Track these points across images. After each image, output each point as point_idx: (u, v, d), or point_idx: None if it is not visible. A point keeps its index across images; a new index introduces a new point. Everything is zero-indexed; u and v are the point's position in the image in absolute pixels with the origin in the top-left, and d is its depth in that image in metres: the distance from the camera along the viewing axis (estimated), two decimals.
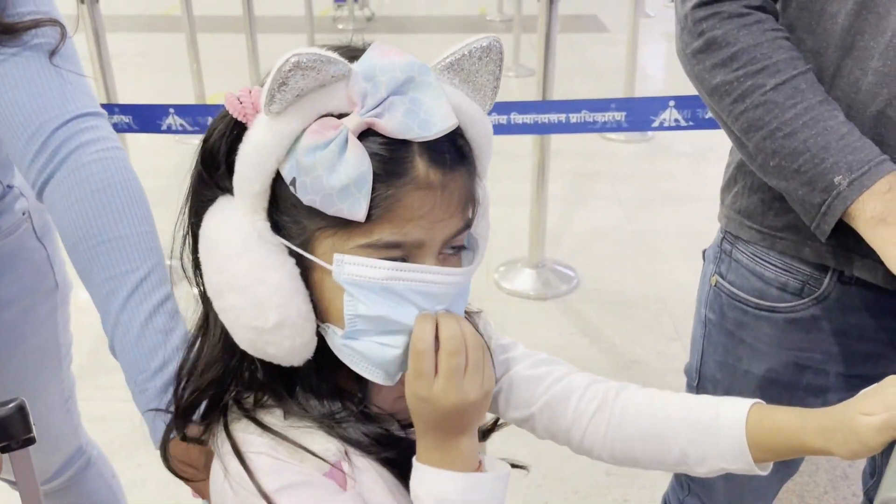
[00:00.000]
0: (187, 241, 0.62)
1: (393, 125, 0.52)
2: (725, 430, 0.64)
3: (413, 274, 0.55)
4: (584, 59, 5.79)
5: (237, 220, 0.56)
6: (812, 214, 0.79)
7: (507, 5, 7.14)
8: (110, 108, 2.46)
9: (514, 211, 2.92)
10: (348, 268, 0.55)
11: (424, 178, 0.54)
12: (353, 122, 0.53)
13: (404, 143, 0.54)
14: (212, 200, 0.59)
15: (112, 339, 0.76)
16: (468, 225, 0.59)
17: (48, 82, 0.82)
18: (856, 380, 0.88)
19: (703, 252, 1.06)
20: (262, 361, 0.60)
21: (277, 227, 0.57)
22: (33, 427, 0.63)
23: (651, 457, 0.68)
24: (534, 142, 2.71)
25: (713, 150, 3.62)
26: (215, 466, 0.61)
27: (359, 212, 0.52)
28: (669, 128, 2.21)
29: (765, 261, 0.92)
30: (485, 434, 0.73)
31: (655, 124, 2.22)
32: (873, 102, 0.78)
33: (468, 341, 0.56)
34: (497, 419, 0.75)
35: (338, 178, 0.51)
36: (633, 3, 4.13)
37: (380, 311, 0.55)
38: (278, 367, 0.60)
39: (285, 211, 0.56)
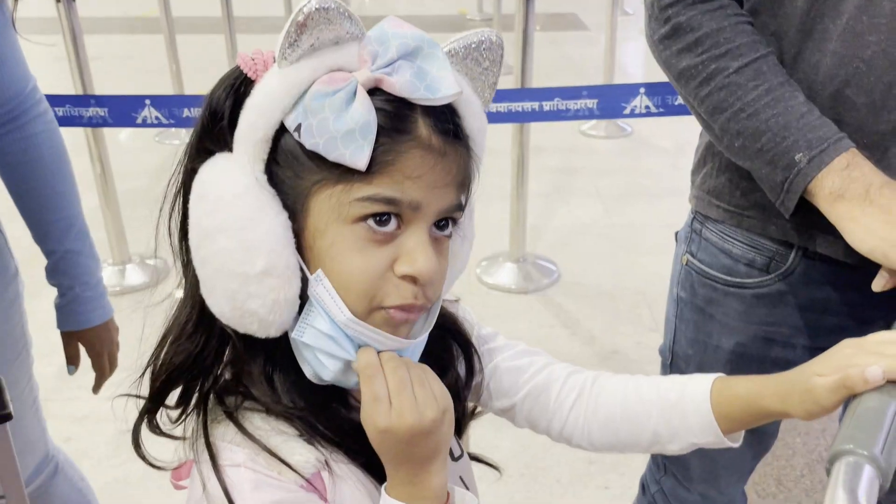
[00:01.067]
0: (177, 203, 0.60)
1: (401, 84, 0.53)
2: (692, 406, 0.66)
3: (369, 332, 0.57)
4: (563, 57, 5.83)
5: (235, 169, 0.56)
6: (776, 192, 0.81)
7: (486, 5, 7.17)
8: (86, 99, 2.45)
9: (495, 206, 2.94)
10: (320, 290, 0.56)
11: (426, 139, 0.55)
12: (363, 76, 0.54)
13: (409, 105, 0.55)
14: (209, 154, 0.58)
15: (60, 261, 1.09)
16: (461, 207, 0.59)
17: (16, 51, 1.02)
18: (821, 352, 0.91)
19: (676, 234, 1.09)
20: (239, 338, 0.59)
21: (274, 183, 0.56)
22: (9, 403, 0.63)
23: (626, 439, 0.70)
24: (513, 137, 2.73)
25: (690, 145, 3.63)
26: (194, 474, 0.60)
27: (361, 159, 0.52)
28: (641, 115, 2.25)
29: (733, 238, 0.94)
30: (463, 424, 0.73)
31: (626, 111, 2.26)
32: (832, 83, 0.80)
33: (406, 362, 0.57)
34: (475, 408, 0.75)
35: (344, 123, 0.52)
36: (612, 1, 4.17)
37: (331, 333, 0.56)
38: (256, 347, 0.59)
39: (285, 164, 0.56)
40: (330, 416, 0.60)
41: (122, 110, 2.35)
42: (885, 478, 0.46)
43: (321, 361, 0.58)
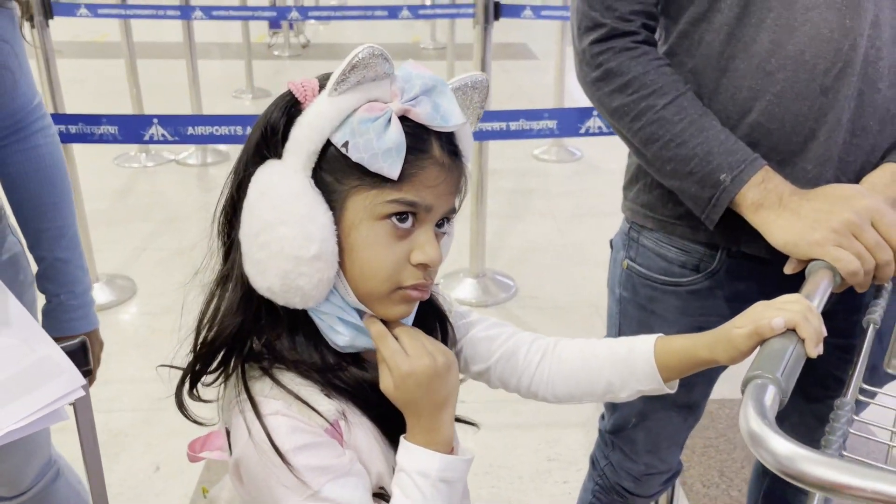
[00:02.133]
0: (224, 198, 0.73)
1: (424, 114, 0.68)
2: (639, 359, 0.80)
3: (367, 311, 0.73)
4: (514, 84, 6.06)
5: (290, 174, 0.68)
6: (702, 207, 0.96)
7: (440, 34, 7.38)
8: (97, 118, 2.55)
9: (456, 226, 3.08)
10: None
11: (440, 157, 0.70)
12: (396, 107, 0.68)
13: (426, 131, 0.69)
14: (260, 162, 0.71)
15: (49, 268, 1.15)
16: (455, 210, 0.74)
17: (25, 66, 1.09)
18: None
19: (611, 241, 1.22)
20: (280, 307, 0.71)
21: (318, 186, 0.70)
22: (91, 361, 0.72)
23: (584, 390, 0.84)
24: (473, 161, 2.90)
25: None
26: (238, 423, 0.70)
27: (395, 171, 0.67)
28: (594, 134, 2.47)
29: (667, 245, 1.08)
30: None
31: (582, 131, 2.48)
32: (749, 114, 0.95)
33: (406, 326, 0.72)
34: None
35: (384, 143, 0.66)
36: (561, 32, 4.41)
37: (342, 306, 0.73)
38: (289, 315, 0.72)
39: (329, 170, 0.69)
40: (345, 374, 0.73)
41: (132, 129, 2.45)
42: (784, 395, 0.61)
43: (335, 329, 0.72)
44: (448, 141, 0.72)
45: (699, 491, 2.01)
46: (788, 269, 0.91)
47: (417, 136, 0.69)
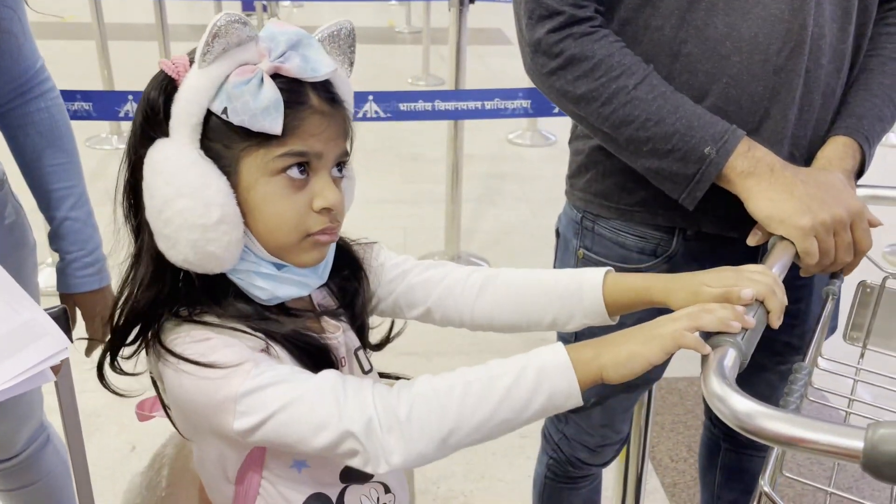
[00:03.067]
0: (122, 184, 0.75)
1: (294, 68, 0.71)
2: (587, 292, 0.82)
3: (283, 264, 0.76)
4: (488, 69, 6.07)
5: (177, 147, 0.71)
6: (684, 185, 0.95)
7: (415, 18, 7.35)
8: (72, 94, 2.52)
9: (431, 209, 3.11)
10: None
11: (319, 106, 0.73)
12: (266, 66, 0.70)
13: (300, 83, 0.72)
14: (150, 142, 0.72)
15: (60, 227, 1.17)
16: (347, 153, 0.77)
17: (28, 29, 1.11)
18: None
19: (556, 230, 1.21)
20: (196, 275, 0.73)
21: (208, 156, 0.72)
22: (72, 330, 0.73)
23: (529, 321, 0.85)
24: (448, 146, 2.91)
25: None
26: (166, 371, 0.71)
27: (277, 126, 0.69)
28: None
29: (624, 232, 1.08)
30: (365, 336, 0.88)
31: (556, 111, 2.52)
32: (705, 98, 0.97)
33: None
34: (395, 331, 0.90)
35: (260, 102, 0.68)
36: None
37: (255, 261, 0.75)
38: (209, 282, 0.73)
39: (216, 138, 0.71)
40: (275, 323, 0.75)
41: (106, 105, 2.43)
42: (744, 358, 0.64)
43: (255, 285, 0.75)
44: (325, 89, 0.74)
45: (668, 465, 2.06)
46: (752, 241, 0.94)
47: (292, 90, 0.71)
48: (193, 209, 0.69)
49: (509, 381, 0.67)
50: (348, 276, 0.85)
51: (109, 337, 0.77)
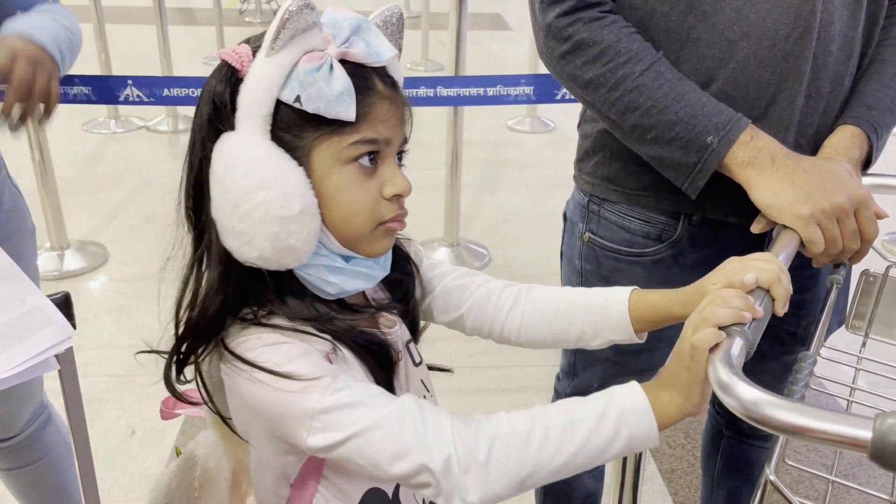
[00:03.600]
0: (185, 182, 0.73)
1: (360, 53, 0.70)
2: (613, 310, 0.82)
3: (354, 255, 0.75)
4: (488, 55, 6.04)
5: (250, 140, 0.69)
6: (686, 174, 0.95)
7: (414, 2, 7.31)
8: (70, 79, 2.47)
9: (431, 196, 3.10)
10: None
11: (385, 92, 0.72)
12: (334, 52, 0.69)
13: (366, 69, 0.71)
14: (215, 137, 0.70)
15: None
16: (406, 142, 0.76)
17: None
18: None
19: (564, 214, 1.21)
20: (268, 273, 0.71)
21: (282, 144, 0.70)
22: (74, 316, 0.73)
23: (556, 337, 0.86)
24: (447, 132, 2.90)
25: None
26: (233, 378, 0.69)
27: (351, 113, 0.68)
28: (570, 101, 2.50)
29: (630, 216, 1.09)
30: (417, 334, 0.87)
31: (558, 97, 2.50)
32: (713, 83, 0.96)
33: None
34: (424, 326, 0.89)
35: (334, 88, 0.68)
36: None
37: (327, 255, 0.74)
38: (278, 280, 0.72)
39: (286, 129, 0.69)
40: (338, 321, 0.74)
41: (106, 89, 2.41)
42: (751, 346, 0.64)
43: (325, 280, 0.73)
44: (385, 74, 0.74)
45: (665, 451, 2.07)
46: (756, 229, 0.93)
47: (359, 75, 0.70)
48: (273, 201, 0.67)
49: (590, 427, 0.66)
50: (399, 269, 0.84)
51: (175, 346, 0.74)
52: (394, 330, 0.80)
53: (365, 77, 0.71)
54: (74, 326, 0.72)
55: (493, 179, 3.82)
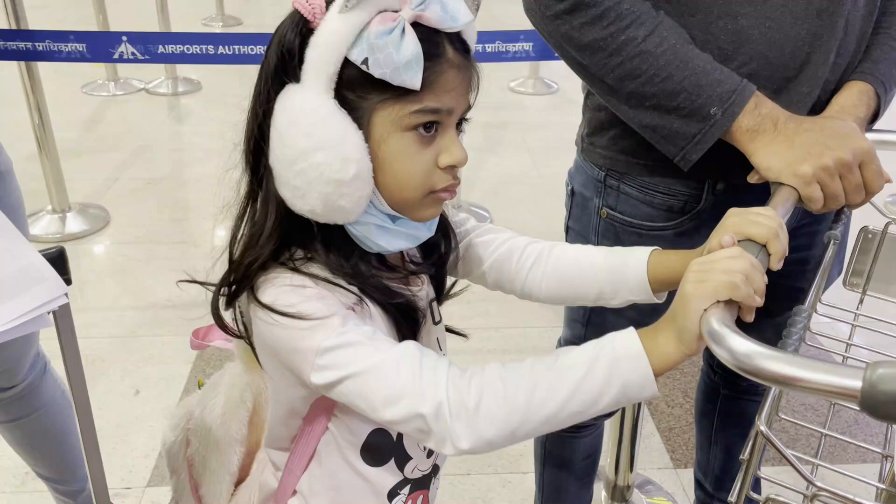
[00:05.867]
0: (248, 126, 0.72)
1: (435, 18, 0.68)
2: (632, 270, 0.82)
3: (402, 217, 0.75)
4: (489, 15, 5.95)
5: (314, 98, 0.68)
6: (681, 145, 0.93)
7: None
8: (14, 34, 2.44)
9: None
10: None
11: (453, 59, 0.71)
12: (408, 14, 0.67)
13: (438, 34, 0.69)
14: (280, 88, 0.70)
15: None
16: (470, 108, 0.74)
17: None
18: None
19: (572, 189, 1.17)
20: (316, 224, 0.72)
21: (343, 105, 0.69)
22: (70, 270, 0.73)
23: (577, 295, 0.87)
24: None
25: None
26: (256, 316, 0.71)
27: (417, 81, 0.67)
28: None
29: (652, 190, 1.06)
30: (443, 293, 0.88)
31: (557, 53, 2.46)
32: (747, 43, 0.90)
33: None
34: (454, 282, 0.90)
35: (403, 55, 0.66)
36: None
37: (377, 213, 0.74)
38: (326, 230, 0.73)
39: (351, 88, 0.68)
40: (375, 278, 0.75)
41: (100, 46, 2.36)
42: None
43: (370, 238, 0.74)
44: (459, 40, 0.72)
45: (664, 411, 2.09)
46: (753, 179, 0.92)
47: (430, 40, 0.68)
48: (331, 164, 0.67)
49: (581, 374, 0.65)
50: (439, 233, 0.84)
51: (223, 278, 0.76)
52: (421, 288, 0.82)
53: (436, 42, 0.69)
54: (69, 282, 0.72)
55: (495, 141, 3.80)
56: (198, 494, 0.93)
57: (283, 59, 0.70)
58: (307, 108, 0.68)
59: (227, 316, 0.79)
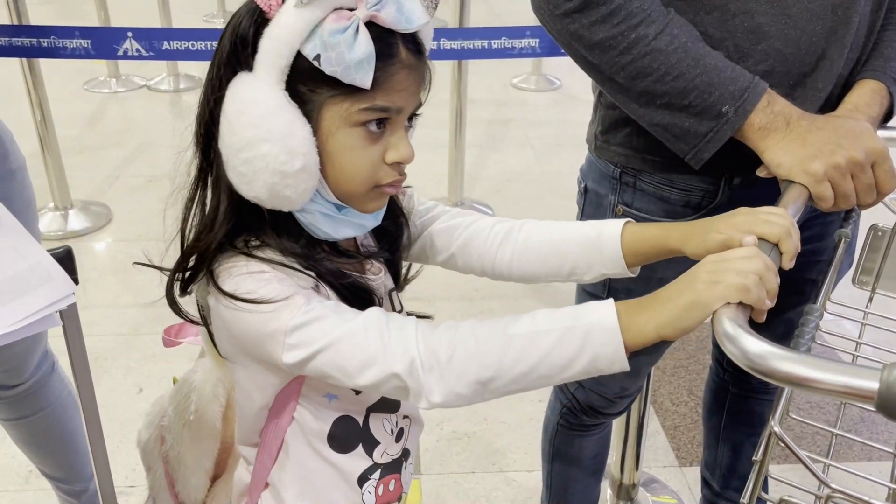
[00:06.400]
0: (199, 111, 0.73)
1: (389, 18, 0.69)
2: (606, 242, 0.82)
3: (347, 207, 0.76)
4: (492, 13, 5.94)
5: (265, 88, 0.68)
6: (693, 143, 0.92)
7: None
8: (18, 30, 2.44)
9: (435, 155, 3.07)
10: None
11: (406, 60, 0.71)
12: (362, 14, 0.68)
13: (392, 34, 0.70)
14: (233, 75, 0.70)
15: None
16: (421, 105, 0.76)
17: None
18: None
19: (584, 187, 1.16)
20: (265, 210, 0.73)
21: (293, 98, 0.70)
22: (77, 270, 0.73)
23: (549, 271, 0.85)
24: (451, 90, 2.87)
25: None
26: (217, 303, 0.71)
27: (367, 81, 0.68)
28: None
29: (669, 187, 1.05)
30: (401, 280, 0.88)
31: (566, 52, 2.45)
32: (764, 39, 0.91)
33: None
34: (408, 269, 0.90)
35: (355, 54, 0.67)
36: None
37: (322, 202, 0.74)
38: (274, 216, 0.73)
39: (302, 81, 0.69)
40: (327, 261, 0.76)
41: (105, 42, 2.36)
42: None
43: (317, 225, 0.75)
44: (412, 40, 0.72)
45: (669, 409, 2.09)
46: (762, 173, 0.91)
47: (384, 40, 0.69)
48: (277, 156, 0.68)
49: (552, 340, 0.66)
50: (391, 221, 0.85)
51: (178, 262, 0.77)
52: (378, 277, 0.83)
53: (390, 43, 0.70)
54: (77, 282, 0.71)
55: (498, 139, 3.79)
56: (174, 491, 0.94)
57: (235, 48, 0.70)
58: (257, 99, 0.69)
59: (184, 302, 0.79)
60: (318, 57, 0.67)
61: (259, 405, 0.80)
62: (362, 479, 0.84)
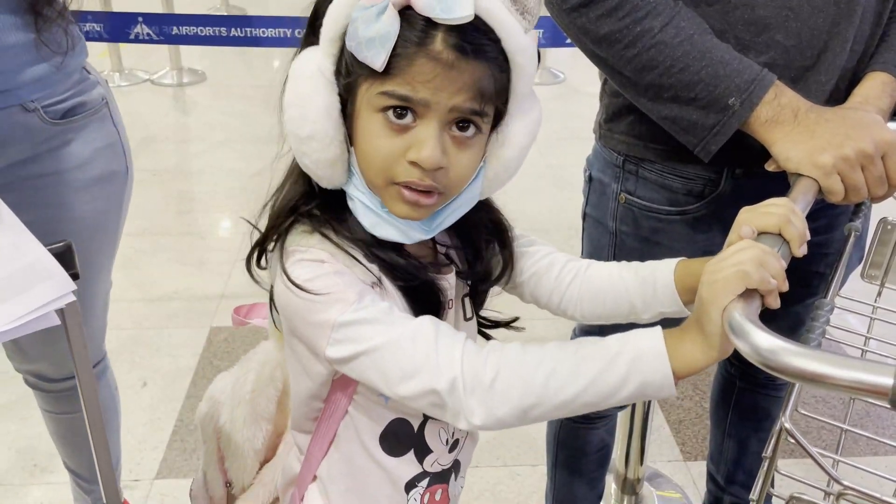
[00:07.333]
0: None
1: (422, 4, 0.64)
2: (660, 282, 0.80)
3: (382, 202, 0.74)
4: None
5: (313, 58, 0.71)
6: (701, 136, 0.92)
7: None
8: (83, 15, 2.46)
9: None
10: (353, 160, 0.72)
11: (440, 53, 0.66)
12: None
13: (432, 25, 0.65)
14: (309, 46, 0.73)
15: None
16: (477, 112, 0.69)
17: None
18: None
19: (589, 175, 1.17)
20: (317, 186, 0.74)
21: (339, 72, 0.71)
22: (77, 265, 0.72)
23: (610, 311, 0.85)
24: None
25: None
26: (277, 272, 0.71)
27: (378, 61, 0.65)
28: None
29: (672, 175, 1.05)
30: (483, 300, 0.86)
31: (568, 41, 2.44)
32: (766, 31, 0.90)
33: None
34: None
35: (367, 32, 0.65)
36: None
37: (362, 189, 0.73)
38: (333, 194, 0.74)
39: (351, 57, 0.69)
40: (385, 253, 0.74)
41: (116, 26, 2.37)
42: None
43: (359, 213, 0.73)
44: (461, 35, 0.66)
45: (673, 403, 2.08)
46: (770, 167, 0.91)
47: (419, 28, 0.66)
48: (294, 120, 0.70)
49: (599, 367, 0.65)
50: (488, 240, 0.83)
51: (265, 232, 0.77)
52: (449, 277, 0.79)
53: (424, 31, 0.65)
54: (77, 277, 0.71)
55: None
56: (223, 467, 0.94)
57: (310, 20, 0.72)
58: (300, 68, 0.71)
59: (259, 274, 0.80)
60: (346, 31, 0.68)
61: (310, 391, 0.79)
62: (410, 486, 0.83)
